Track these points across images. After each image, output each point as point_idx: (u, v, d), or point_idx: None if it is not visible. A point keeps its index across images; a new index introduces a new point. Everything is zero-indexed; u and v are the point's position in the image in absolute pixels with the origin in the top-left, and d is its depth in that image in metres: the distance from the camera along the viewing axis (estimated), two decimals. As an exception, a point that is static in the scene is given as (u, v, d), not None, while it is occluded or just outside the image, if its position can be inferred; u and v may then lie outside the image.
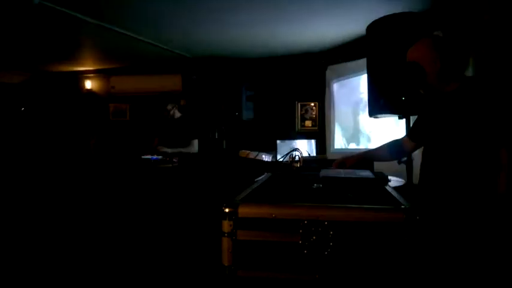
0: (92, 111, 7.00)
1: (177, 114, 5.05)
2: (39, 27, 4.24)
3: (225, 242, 1.37)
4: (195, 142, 4.70)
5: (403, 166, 2.95)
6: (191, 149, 4.80)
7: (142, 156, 4.73)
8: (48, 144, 6.87)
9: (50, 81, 7.12)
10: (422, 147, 2.04)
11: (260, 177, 2.18)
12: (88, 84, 7.00)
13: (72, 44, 5.21)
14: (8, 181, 5.78)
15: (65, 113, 7.07)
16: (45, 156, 6.64)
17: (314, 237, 1.29)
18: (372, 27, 3.19)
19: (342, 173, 1.86)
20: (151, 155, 4.84)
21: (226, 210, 1.38)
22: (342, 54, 5.32)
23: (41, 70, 6.88)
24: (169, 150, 4.70)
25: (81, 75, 7.05)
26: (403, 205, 1.30)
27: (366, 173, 1.85)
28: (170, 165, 4.64)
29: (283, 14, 3.95)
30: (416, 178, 2.14)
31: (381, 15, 3.03)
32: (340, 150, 5.21)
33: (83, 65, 6.67)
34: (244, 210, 1.37)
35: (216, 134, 6.25)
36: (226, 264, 1.37)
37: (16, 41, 4.90)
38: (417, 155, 2.31)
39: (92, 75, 7.04)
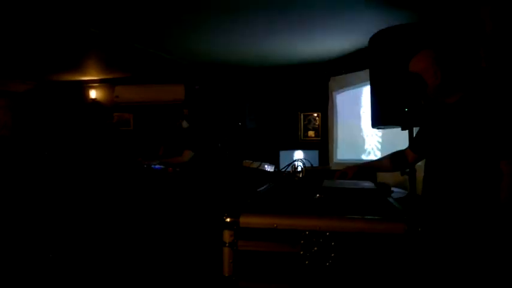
0: (97, 120, 7.04)
1: (185, 124, 5.08)
2: (44, 36, 4.29)
3: (226, 252, 1.37)
4: (188, 153, 4.66)
5: (406, 177, 2.95)
6: (182, 159, 4.77)
7: (145, 165, 4.75)
8: (53, 152, 6.90)
9: (55, 90, 7.18)
10: (425, 159, 2.04)
11: (262, 188, 2.18)
12: (93, 94, 7.05)
13: (77, 54, 5.27)
14: (14, 188, 5.81)
15: (70, 122, 7.11)
16: (50, 163, 6.67)
17: (315, 248, 1.28)
18: (375, 38, 3.21)
19: (344, 183, 1.85)
20: (154, 164, 4.86)
21: (228, 220, 1.38)
22: (345, 65, 5.34)
23: (47, 80, 6.95)
24: (154, 163, 4.69)
25: (86, 85, 7.10)
26: (405, 216, 1.29)
27: (368, 184, 1.84)
28: (172, 174, 4.65)
29: (286, 25, 3.99)
30: (419, 189, 2.13)
31: (384, 27, 3.05)
32: (343, 161, 5.20)
33: (87, 75, 6.73)
34: (245, 220, 1.37)
35: (219, 143, 6.26)
36: (226, 275, 1.36)
37: (22, 51, 4.96)
38: (420, 166, 2.31)
39: (96, 84, 7.09)
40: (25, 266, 3.58)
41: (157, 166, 4.73)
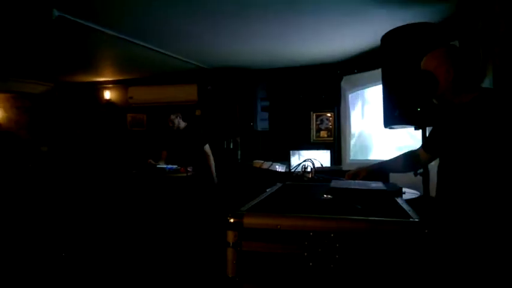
0: (111, 121, 7.13)
1: (182, 124, 5.06)
2: (59, 39, 4.36)
3: (230, 253, 1.35)
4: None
5: (420, 178, 2.89)
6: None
7: (158, 166, 4.79)
8: (68, 153, 7.02)
9: (70, 91, 7.31)
10: (439, 159, 1.98)
11: (271, 188, 2.16)
12: (107, 95, 7.15)
13: (92, 55, 5.34)
14: (31, 187, 5.93)
15: (85, 123, 7.22)
16: (66, 164, 6.80)
17: (320, 249, 1.26)
18: (387, 37, 3.16)
19: (352, 184, 1.82)
20: (166, 164, 4.90)
21: (231, 220, 1.36)
22: (358, 64, 5.28)
23: (62, 81, 7.07)
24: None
25: (101, 86, 7.20)
26: (412, 218, 1.26)
27: (378, 185, 1.81)
28: (185, 174, 4.68)
29: (298, 25, 3.96)
30: (433, 190, 2.08)
31: (396, 25, 3.00)
32: (356, 161, 5.14)
33: (102, 76, 6.82)
34: (249, 221, 1.35)
35: (231, 144, 6.27)
36: (230, 276, 1.35)
37: (37, 53, 5.05)
38: (434, 166, 2.25)
39: (110, 85, 7.19)
40: (38, 265, 3.64)
41: (169, 166, 4.77)
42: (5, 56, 5.19)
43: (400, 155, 2.23)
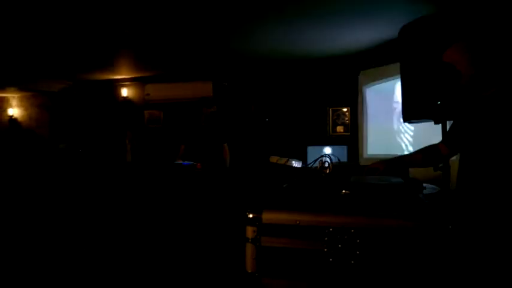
0: (128, 118, 7.21)
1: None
2: (80, 37, 4.44)
3: (249, 248, 1.35)
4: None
5: (440, 173, 2.83)
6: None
7: (175, 162, 4.82)
8: (86, 151, 7.14)
9: (87, 89, 7.42)
10: (460, 154, 1.94)
11: (288, 183, 2.15)
12: (124, 92, 7.22)
13: (110, 53, 5.40)
14: (47, 183, 6.06)
15: (103, 120, 7.33)
16: (84, 161, 6.92)
17: (340, 245, 1.24)
18: (405, 30, 3.10)
19: (371, 179, 1.79)
20: (183, 160, 4.92)
21: (250, 215, 1.36)
22: (375, 58, 5.20)
23: (81, 79, 7.18)
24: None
25: (118, 83, 7.28)
26: (434, 213, 1.23)
27: (397, 180, 1.77)
28: (200, 170, 4.69)
29: (315, 19, 3.92)
30: (453, 185, 2.03)
31: (415, 17, 2.94)
32: (374, 156, 5.08)
33: (119, 74, 6.90)
34: (268, 216, 1.35)
35: (247, 139, 6.27)
36: (249, 271, 1.35)
37: (58, 51, 5.14)
38: (454, 161, 2.20)
39: (127, 83, 7.26)
40: (52, 260, 3.72)
41: (186, 162, 4.79)
42: (23, 55, 5.30)
43: (420, 150, 2.18)
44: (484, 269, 1.57)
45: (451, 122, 2.13)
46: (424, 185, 2.30)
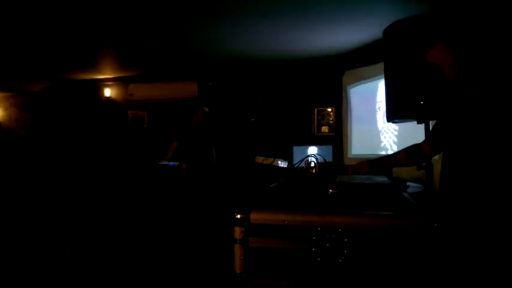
0: (111, 118, 7.11)
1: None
2: (60, 36, 4.35)
3: (237, 249, 1.35)
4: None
5: (423, 172, 2.88)
6: None
7: (160, 163, 4.78)
8: (68, 151, 7.01)
9: (70, 89, 7.28)
10: (442, 153, 1.97)
11: (275, 184, 2.15)
12: (107, 92, 7.12)
13: (92, 52, 5.32)
14: (32, 185, 5.93)
15: (85, 121, 7.21)
16: (66, 162, 6.79)
17: (328, 245, 1.25)
18: (389, 30, 3.15)
19: (357, 178, 1.81)
20: (169, 161, 4.88)
21: (238, 216, 1.36)
22: (359, 59, 5.26)
23: (62, 78, 7.05)
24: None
25: (101, 83, 7.17)
26: (420, 212, 1.25)
27: (382, 179, 1.80)
28: (185, 171, 4.67)
29: (299, 19, 3.93)
30: (436, 184, 2.07)
31: (399, 17, 2.98)
32: (358, 156, 5.14)
33: (102, 73, 6.79)
34: (256, 217, 1.35)
35: (233, 140, 6.26)
36: (238, 272, 1.34)
37: (38, 51, 5.03)
38: (437, 160, 2.25)
39: (110, 83, 7.16)
40: (42, 264, 3.65)
41: (171, 163, 4.76)
42: (3, 55, 5.17)
43: (403, 149, 2.21)
44: (469, 266, 1.61)
45: (434, 121, 2.17)
46: (408, 183, 2.34)
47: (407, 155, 2.16)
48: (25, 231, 4.61)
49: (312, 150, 5.26)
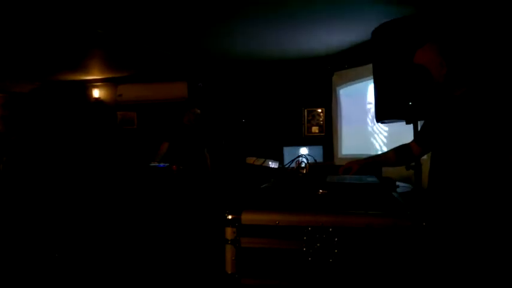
0: (100, 119, 7.04)
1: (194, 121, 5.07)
2: (49, 37, 4.31)
3: (229, 250, 1.35)
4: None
5: (412, 172, 2.91)
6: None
7: (150, 164, 4.75)
8: (56, 152, 6.92)
9: (58, 90, 7.20)
10: (431, 152, 2.00)
11: (266, 184, 2.16)
12: (96, 93, 7.06)
13: (81, 53, 5.27)
14: (18, 187, 5.83)
15: (74, 122, 7.12)
16: (54, 164, 6.70)
17: (318, 244, 1.26)
18: (377, 32, 3.17)
19: (347, 178, 1.83)
20: (159, 162, 4.85)
21: (229, 217, 1.36)
22: (348, 59, 5.30)
23: (49, 79, 6.96)
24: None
25: (89, 84, 7.11)
26: (409, 211, 1.27)
27: (372, 179, 1.82)
28: (176, 172, 4.65)
29: (287, 18, 3.95)
30: (425, 183, 2.09)
31: (387, 19, 3.01)
32: (348, 156, 5.17)
33: (90, 74, 6.73)
34: (247, 217, 1.35)
35: (223, 141, 6.25)
36: (229, 272, 1.35)
37: (26, 51, 4.97)
38: (426, 160, 2.27)
39: (99, 83, 7.10)
40: (31, 266, 3.60)
41: (161, 164, 4.73)
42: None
43: (392, 149, 2.24)
44: (459, 264, 1.63)
45: (422, 122, 2.20)
46: (397, 183, 2.37)
47: (396, 154, 2.18)
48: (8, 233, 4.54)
49: (303, 150, 5.28)
